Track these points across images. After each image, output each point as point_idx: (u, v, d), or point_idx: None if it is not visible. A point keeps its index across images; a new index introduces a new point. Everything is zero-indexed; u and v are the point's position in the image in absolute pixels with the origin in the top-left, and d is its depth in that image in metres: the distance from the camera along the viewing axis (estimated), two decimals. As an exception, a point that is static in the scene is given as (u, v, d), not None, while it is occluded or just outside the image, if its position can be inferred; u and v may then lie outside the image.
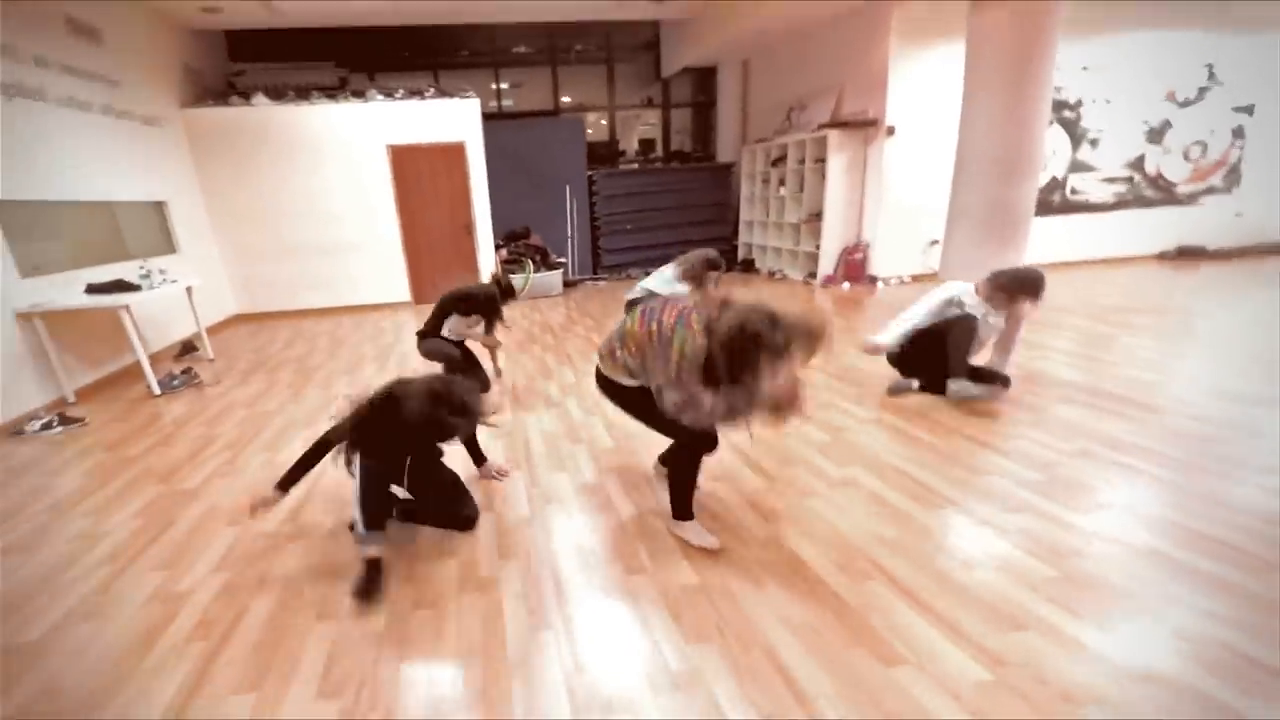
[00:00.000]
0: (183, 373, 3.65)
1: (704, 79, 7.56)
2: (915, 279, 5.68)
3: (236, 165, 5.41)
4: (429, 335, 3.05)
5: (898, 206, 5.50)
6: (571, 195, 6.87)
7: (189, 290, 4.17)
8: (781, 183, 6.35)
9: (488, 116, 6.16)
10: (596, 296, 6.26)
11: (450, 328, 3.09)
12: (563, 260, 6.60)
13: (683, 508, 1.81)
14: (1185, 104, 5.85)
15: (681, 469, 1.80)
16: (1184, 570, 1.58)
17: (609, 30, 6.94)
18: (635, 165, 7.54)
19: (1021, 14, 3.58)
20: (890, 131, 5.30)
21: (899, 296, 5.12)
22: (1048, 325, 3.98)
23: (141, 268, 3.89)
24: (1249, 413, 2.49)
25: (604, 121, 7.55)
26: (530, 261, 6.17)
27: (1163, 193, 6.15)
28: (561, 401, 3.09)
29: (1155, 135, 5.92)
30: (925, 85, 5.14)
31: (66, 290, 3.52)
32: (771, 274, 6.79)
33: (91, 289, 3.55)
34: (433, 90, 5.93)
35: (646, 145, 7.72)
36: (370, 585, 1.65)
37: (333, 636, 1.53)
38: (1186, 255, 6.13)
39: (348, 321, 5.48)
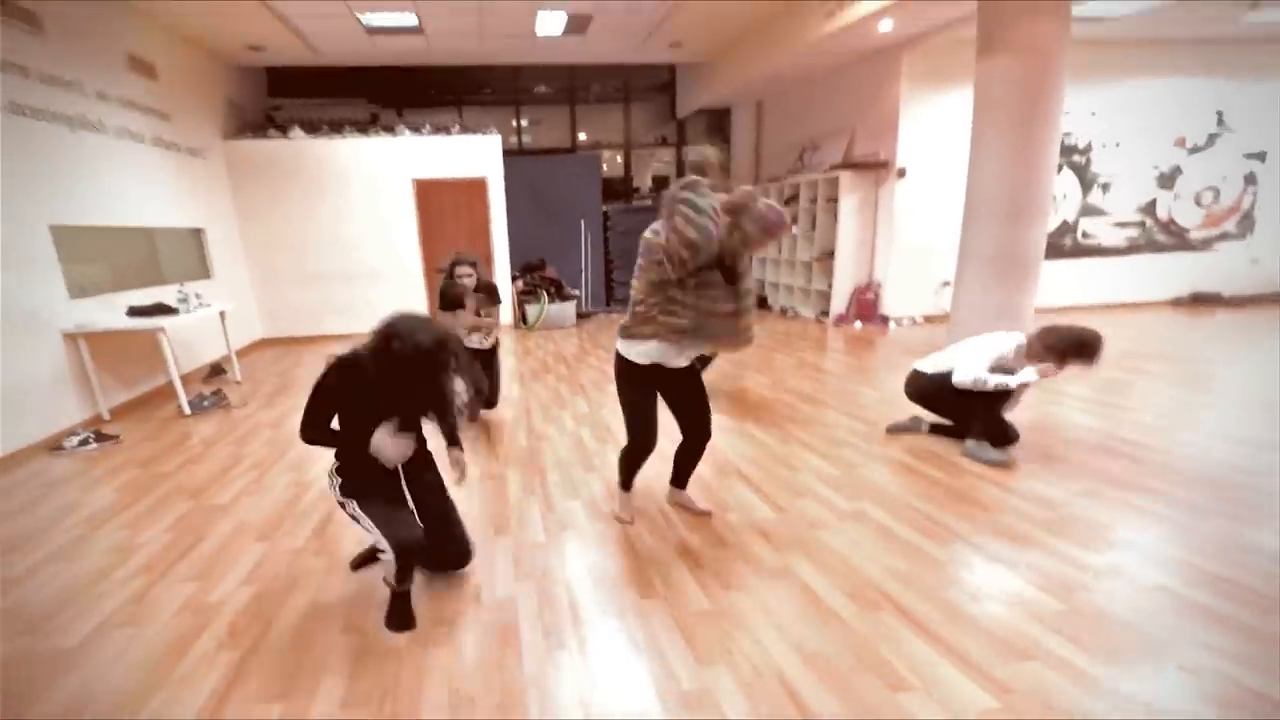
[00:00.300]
0: (212, 394, 3.84)
1: (718, 119, 7.96)
2: (927, 319, 5.79)
3: (270, 195, 5.83)
4: None
5: (909, 247, 5.67)
6: (586, 229, 7.23)
7: (222, 315, 4.42)
8: (794, 221, 6.61)
9: (508, 152, 6.58)
10: (609, 328, 6.47)
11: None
12: (576, 292, 6.85)
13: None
14: (1195, 150, 6.03)
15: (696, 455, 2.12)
16: (1190, 606, 1.62)
17: (627, 72, 7.41)
18: (649, 201, 7.88)
19: (1028, 60, 3.75)
20: (901, 173, 5.51)
21: (911, 337, 5.25)
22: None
23: (180, 292, 4.16)
24: (1261, 457, 2.52)
25: (619, 158, 7.97)
26: (545, 293, 6.42)
27: (1175, 238, 6.28)
28: (576, 430, 3.22)
29: (1166, 180, 6.08)
30: (936, 128, 5.35)
31: (109, 312, 3.78)
32: (784, 311, 6.97)
33: (133, 311, 3.80)
34: (458, 127, 6.40)
35: (660, 182, 8.09)
36: (403, 616, 1.70)
37: (356, 649, 1.61)
38: (1201, 302, 6.19)
39: None
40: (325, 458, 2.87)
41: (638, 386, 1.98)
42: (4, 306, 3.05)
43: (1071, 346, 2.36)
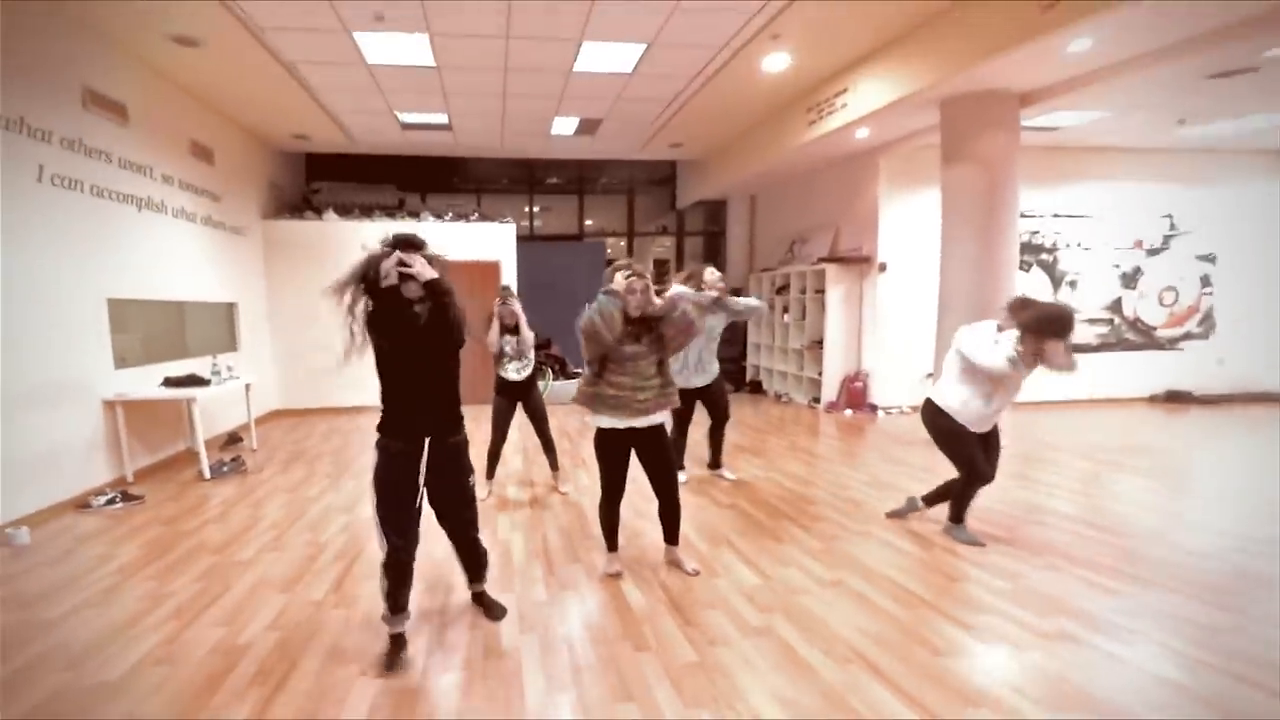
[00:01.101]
0: (232, 460, 4.18)
1: (715, 210, 8.88)
2: (914, 409, 6.13)
3: (298, 271, 6.41)
4: None
5: (893, 338, 6.19)
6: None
7: (248, 386, 4.87)
8: (785, 310, 7.21)
9: (520, 238, 7.29)
10: None
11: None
12: (580, 370, 7.32)
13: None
14: (1153, 251, 6.76)
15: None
16: (1130, 669, 1.86)
17: (631, 166, 8.37)
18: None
19: (985, 168, 4.47)
20: (882, 268, 6.13)
21: (899, 425, 5.66)
22: (1036, 460, 4.36)
23: (214, 364, 4.62)
24: (1217, 542, 2.82)
25: (623, 244, 8.86)
26: (550, 370, 6.90)
27: (1144, 336, 6.85)
28: (577, 501, 3.54)
29: (1129, 280, 6.76)
30: (913, 226, 5.89)
31: (145, 381, 4.15)
32: (778, 397, 7.42)
33: (168, 381, 4.23)
34: (477, 214, 7.26)
35: (660, 266, 8.95)
36: (395, 658, 1.95)
37: (375, 690, 1.85)
38: (1175, 399, 6.61)
39: (367, 419, 6.05)
40: (340, 520, 3.18)
41: (600, 443, 2.48)
42: (59, 375, 3.46)
43: (1045, 321, 2.44)
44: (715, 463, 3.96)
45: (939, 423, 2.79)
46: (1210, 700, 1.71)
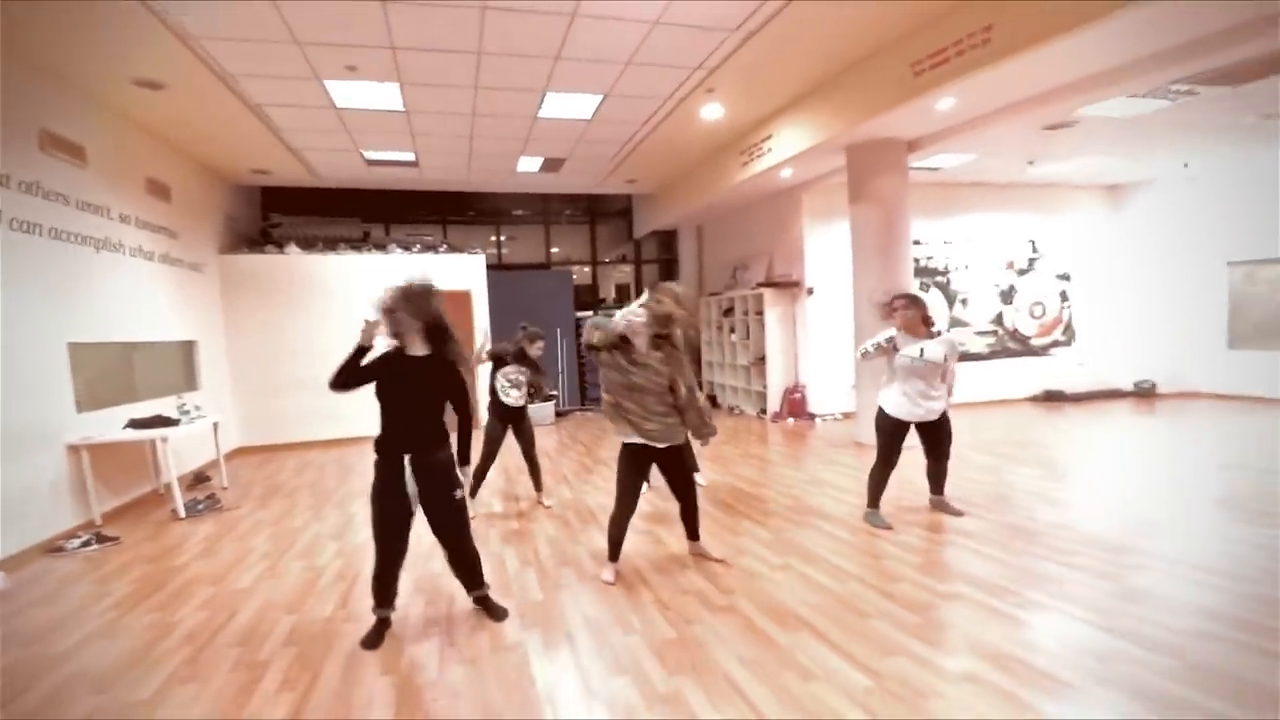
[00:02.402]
0: (206, 498, 4.12)
1: (668, 239, 9.44)
2: (846, 415, 6.78)
3: (259, 307, 6.27)
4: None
5: (823, 353, 6.83)
6: (561, 336, 8.21)
7: (215, 425, 4.76)
8: (732, 330, 7.77)
9: (489, 266, 7.37)
10: (586, 425, 7.26)
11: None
12: (555, 393, 7.55)
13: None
14: (1022, 272, 7.84)
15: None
16: (992, 613, 2.34)
17: (592, 199, 8.76)
18: (616, 312, 9.00)
19: (882, 205, 5.19)
20: (810, 291, 6.78)
21: (833, 430, 6.30)
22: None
23: (181, 404, 4.50)
24: (1063, 512, 3.43)
25: (587, 269, 9.21)
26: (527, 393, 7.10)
27: (1022, 344, 7.91)
28: (562, 513, 3.80)
29: (1006, 297, 7.79)
30: (833, 254, 6.47)
31: (109, 424, 4.02)
32: (730, 409, 7.96)
33: (134, 423, 4.08)
34: (445, 246, 7.25)
35: (622, 290, 9.45)
36: (376, 637, 2.25)
37: (397, 686, 2.04)
38: (1052, 398, 7.62)
39: (353, 451, 6.04)
40: (331, 546, 3.28)
41: (621, 456, 2.71)
42: (19, 421, 3.31)
43: (900, 299, 3.23)
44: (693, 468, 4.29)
45: (876, 419, 3.33)
46: (1062, 638, 2.17)
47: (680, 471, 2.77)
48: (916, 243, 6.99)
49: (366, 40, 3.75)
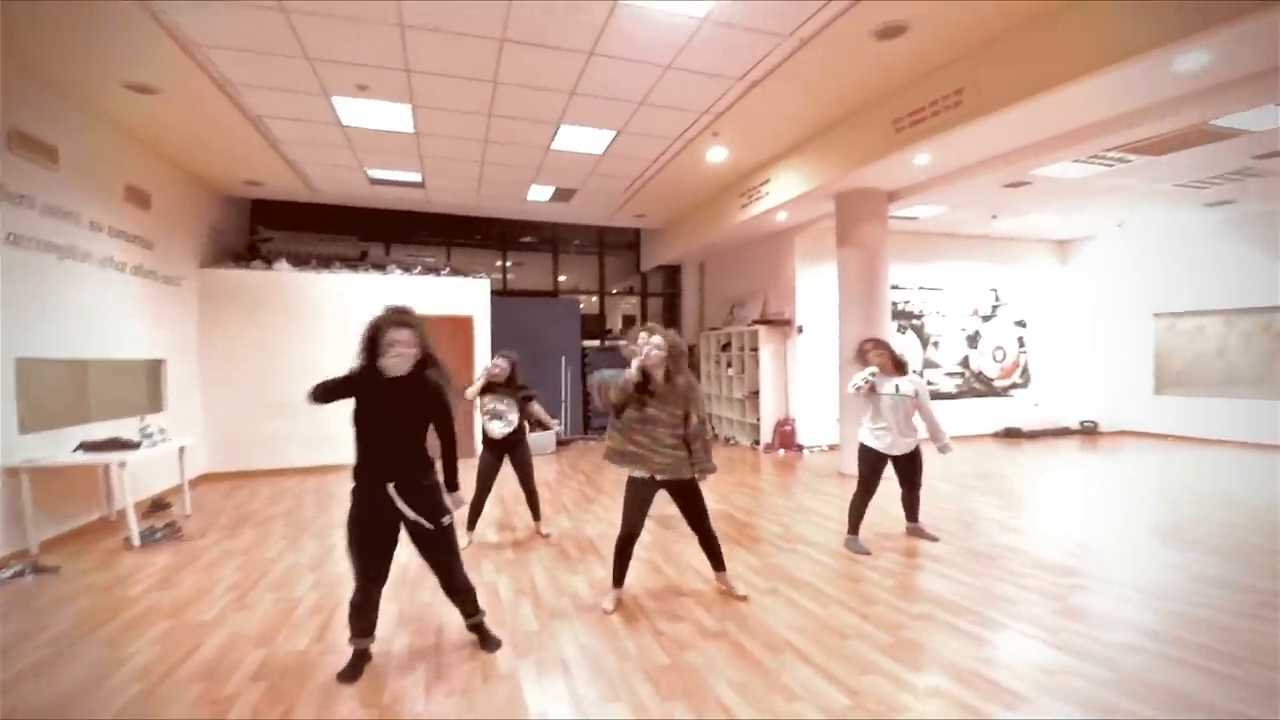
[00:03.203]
0: (165, 526, 3.85)
1: (673, 274, 9.56)
2: (831, 447, 6.96)
3: (241, 326, 5.94)
4: None
5: (811, 389, 7.09)
6: (566, 365, 8.14)
7: (181, 449, 4.48)
8: (729, 365, 7.98)
9: (494, 292, 7.19)
10: (588, 454, 7.13)
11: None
12: (556, 422, 7.36)
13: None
14: (986, 318, 8.42)
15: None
16: (957, 632, 2.44)
17: (601, 230, 8.80)
18: (622, 341, 8.94)
19: (865, 251, 5.55)
20: (800, 329, 7.10)
21: (820, 461, 6.48)
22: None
23: (144, 425, 4.23)
24: (1013, 540, 3.62)
25: (595, 299, 9.20)
26: (526, 423, 6.94)
27: (985, 385, 8.42)
28: (559, 542, 3.73)
29: (972, 341, 8.35)
30: (822, 295, 6.82)
31: (55, 447, 3.73)
32: (726, 440, 8.10)
33: (86, 446, 3.78)
34: (448, 269, 7.04)
35: (628, 321, 9.49)
36: (354, 671, 2.15)
37: (380, 718, 1.93)
38: (1011, 435, 8.11)
39: (333, 479, 5.73)
40: (308, 578, 3.08)
41: (628, 488, 2.72)
42: None
43: (868, 342, 3.57)
44: None
45: (859, 452, 3.54)
46: (1016, 654, 2.30)
47: (693, 504, 2.75)
48: (895, 287, 7.54)
49: (381, 61, 3.77)
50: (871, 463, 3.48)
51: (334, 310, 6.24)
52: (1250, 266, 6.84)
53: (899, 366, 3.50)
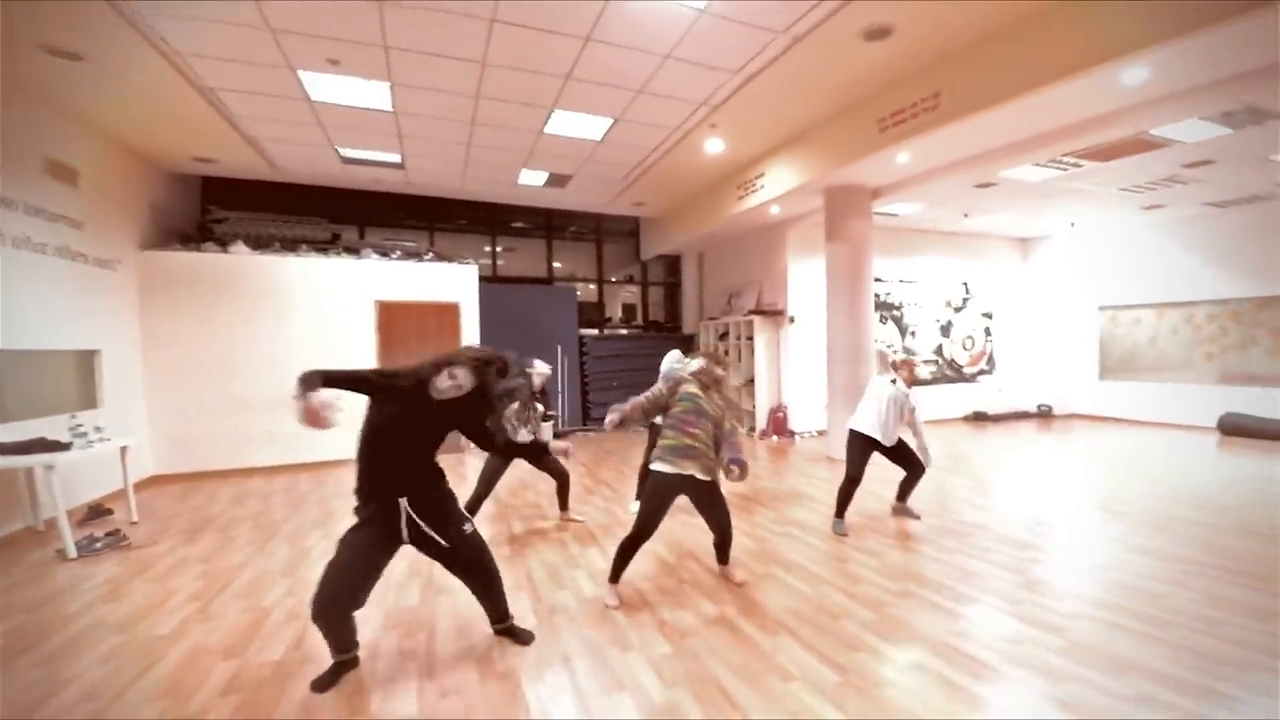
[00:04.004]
0: (107, 535, 3.51)
1: (674, 264, 9.48)
2: (821, 433, 7.12)
3: (189, 312, 5.47)
4: None
5: (802, 376, 7.31)
6: (563, 354, 7.92)
7: (123, 450, 4.10)
8: (727, 353, 7.96)
9: (483, 278, 6.86)
10: (587, 445, 6.97)
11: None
12: (554, 413, 7.13)
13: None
14: (957, 309, 8.87)
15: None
16: (931, 607, 2.56)
17: (599, 217, 8.54)
18: (623, 331, 8.87)
19: (851, 246, 5.74)
20: (792, 320, 7.28)
21: (810, 447, 6.66)
22: (895, 470, 5.33)
23: (75, 424, 3.85)
24: (981, 517, 3.82)
25: (593, 287, 8.87)
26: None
27: (956, 372, 8.87)
28: (560, 536, 3.64)
29: (945, 330, 8.77)
30: (813, 286, 7.07)
31: None
32: None
33: (3, 449, 3.39)
34: (431, 254, 6.62)
35: (628, 310, 9.20)
36: (331, 679, 2.02)
37: (369, 724, 1.80)
38: (979, 419, 8.64)
39: (305, 479, 5.41)
40: (281, 583, 2.86)
41: (651, 485, 2.68)
42: None
43: (904, 363, 3.75)
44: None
45: (858, 441, 3.64)
46: (984, 625, 2.43)
47: (714, 506, 2.75)
48: (877, 280, 7.92)
49: (355, 36, 3.55)
50: (861, 447, 3.59)
51: (307, 297, 5.85)
52: (1177, 265, 7.63)
53: (915, 381, 3.79)
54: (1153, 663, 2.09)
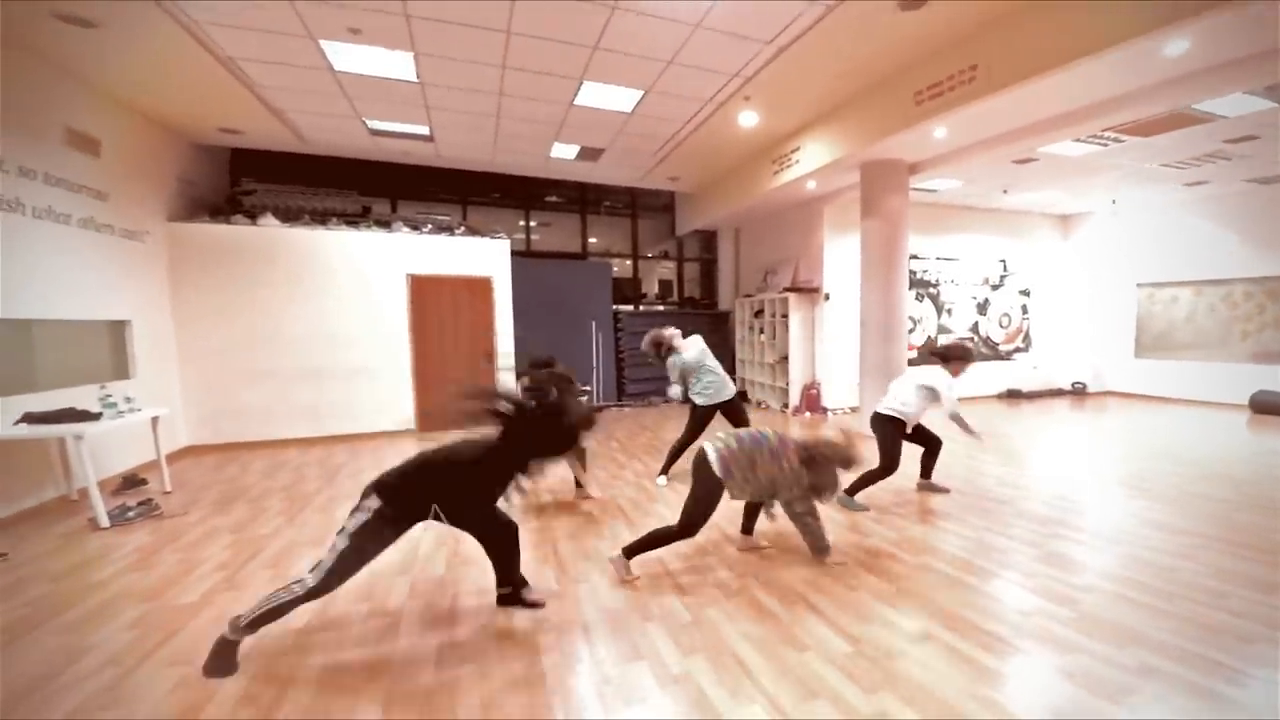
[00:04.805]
0: (139, 504, 3.59)
1: (709, 240, 9.28)
2: (853, 410, 7.05)
3: (221, 285, 5.49)
4: None
5: (836, 354, 7.23)
6: (597, 330, 7.89)
7: (155, 420, 4.16)
8: (762, 331, 8.01)
9: (515, 253, 6.83)
10: (622, 421, 6.94)
11: None
12: (588, 388, 7.10)
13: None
14: (995, 287, 8.60)
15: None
16: (952, 581, 2.52)
17: (634, 191, 8.41)
18: (659, 307, 8.85)
19: (886, 221, 5.57)
20: (827, 297, 7.19)
21: (842, 423, 6.60)
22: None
23: (105, 394, 3.89)
24: (1009, 492, 3.77)
25: (629, 263, 8.73)
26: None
27: (992, 350, 8.63)
28: (586, 510, 3.61)
29: (982, 308, 8.53)
30: (848, 264, 6.93)
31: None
32: (758, 403, 8.19)
33: (31, 418, 3.46)
34: (463, 228, 6.56)
35: (665, 286, 9.14)
36: (228, 662, 1.89)
37: (386, 689, 1.83)
38: (1013, 396, 8.48)
39: (341, 450, 5.46)
40: (308, 554, 2.88)
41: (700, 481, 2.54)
42: None
43: (955, 354, 3.74)
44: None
45: (887, 426, 3.56)
46: (997, 598, 2.40)
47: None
48: (915, 257, 7.80)
49: (375, 4, 3.46)
50: (895, 433, 3.54)
51: (338, 270, 5.87)
52: (1216, 242, 7.46)
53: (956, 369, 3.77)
54: (1157, 634, 2.10)
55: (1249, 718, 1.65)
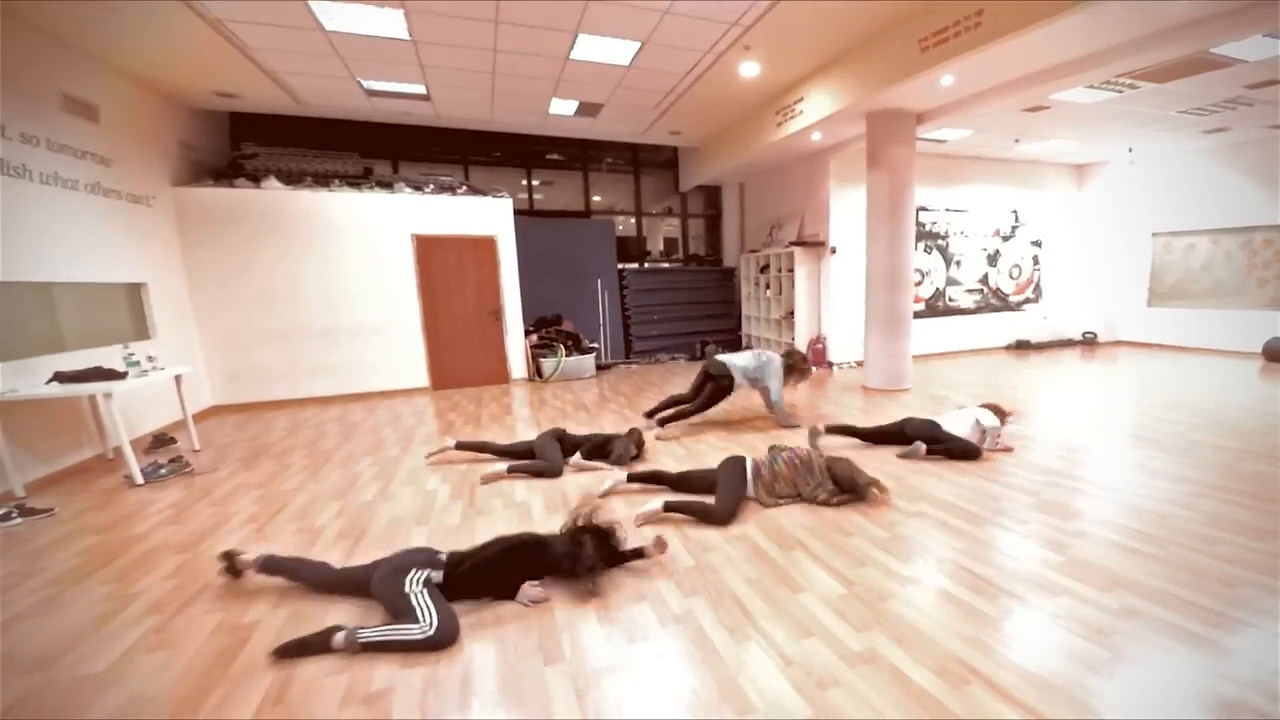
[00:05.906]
0: (171, 461, 3.72)
1: (713, 195, 9.09)
2: (858, 364, 6.98)
3: (231, 247, 5.51)
4: None
5: (842, 308, 7.10)
6: (603, 288, 7.83)
7: (178, 379, 4.23)
8: (768, 286, 7.87)
9: (518, 211, 6.76)
10: (630, 378, 6.94)
11: None
12: (595, 345, 7.17)
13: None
14: (1006, 238, 8.28)
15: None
16: (943, 526, 2.54)
17: (636, 147, 8.17)
18: (664, 265, 8.72)
19: (893, 173, 5.34)
20: (833, 251, 6.97)
21: (847, 377, 6.56)
22: (936, 398, 5.22)
23: (128, 354, 3.93)
24: (1018, 441, 3.76)
25: (633, 221, 8.55)
26: (562, 346, 6.62)
27: (1001, 301, 8.40)
28: (599, 467, 3.55)
29: (992, 259, 8.24)
30: (855, 216, 6.72)
31: (24, 377, 3.49)
32: None
33: (62, 377, 3.53)
34: (465, 188, 6.46)
35: (670, 244, 8.96)
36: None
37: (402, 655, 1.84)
38: (1021, 347, 8.32)
39: (357, 408, 5.61)
40: (332, 506, 2.98)
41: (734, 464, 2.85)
42: None
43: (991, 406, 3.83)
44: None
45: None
46: (988, 543, 2.44)
47: None
48: (923, 209, 7.46)
49: None
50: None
51: (343, 231, 5.85)
52: (1237, 190, 7.15)
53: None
54: (1143, 578, 2.13)
55: (1223, 656, 1.68)
